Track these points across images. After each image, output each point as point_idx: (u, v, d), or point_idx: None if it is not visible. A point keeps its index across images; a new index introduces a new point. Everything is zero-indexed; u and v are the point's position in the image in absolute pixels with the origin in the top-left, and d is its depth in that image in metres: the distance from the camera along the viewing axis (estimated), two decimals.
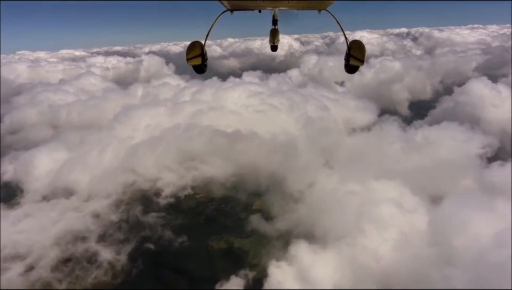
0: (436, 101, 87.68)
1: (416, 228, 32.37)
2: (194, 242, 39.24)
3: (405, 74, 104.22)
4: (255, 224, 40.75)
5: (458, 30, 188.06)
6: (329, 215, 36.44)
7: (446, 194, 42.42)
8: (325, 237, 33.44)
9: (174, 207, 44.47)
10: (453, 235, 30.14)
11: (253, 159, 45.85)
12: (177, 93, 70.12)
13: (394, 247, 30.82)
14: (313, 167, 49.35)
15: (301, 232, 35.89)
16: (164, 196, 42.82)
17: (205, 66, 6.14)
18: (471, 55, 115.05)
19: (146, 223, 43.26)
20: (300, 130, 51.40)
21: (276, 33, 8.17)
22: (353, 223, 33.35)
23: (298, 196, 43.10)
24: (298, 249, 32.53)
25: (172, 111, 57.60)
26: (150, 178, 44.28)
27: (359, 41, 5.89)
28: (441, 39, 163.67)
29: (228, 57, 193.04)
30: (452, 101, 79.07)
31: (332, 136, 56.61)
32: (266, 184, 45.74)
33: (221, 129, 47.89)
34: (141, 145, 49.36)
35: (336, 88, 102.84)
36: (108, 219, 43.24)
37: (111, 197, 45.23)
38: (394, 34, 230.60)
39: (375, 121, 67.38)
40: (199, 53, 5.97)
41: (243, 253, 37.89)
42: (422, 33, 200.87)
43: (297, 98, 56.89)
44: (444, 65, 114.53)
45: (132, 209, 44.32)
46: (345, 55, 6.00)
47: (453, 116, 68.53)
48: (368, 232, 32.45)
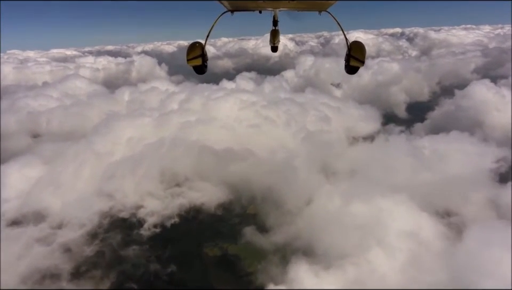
0: (434, 103, 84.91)
1: (426, 249, 29.87)
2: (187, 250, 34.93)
3: (403, 76, 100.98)
4: (250, 236, 36.02)
5: (455, 31, 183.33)
6: (330, 231, 33.38)
7: (457, 212, 38.11)
8: (326, 255, 30.36)
9: (158, 238, 37.97)
10: (476, 275, 26.14)
11: (246, 179, 39.63)
12: (165, 99, 63.14)
13: (402, 269, 28.28)
14: (313, 183, 44.09)
15: (300, 247, 32.88)
16: (147, 227, 36.33)
17: (205, 66, 6.02)
18: (470, 57, 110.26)
19: (127, 257, 36.92)
20: (298, 145, 45.19)
21: (277, 34, 7.97)
22: (357, 241, 30.68)
23: (297, 212, 38.39)
24: (299, 270, 29.18)
25: (157, 122, 50.83)
26: (131, 206, 37.73)
27: (359, 42, 5.75)
28: (438, 40, 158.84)
29: (221, 57, 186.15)
30: (453, 104, 75.07)
31: (333, 149, 50.84)
32: (262, 198, 40.25)
33: (210, 146, 41.46)
34: (121, 163, 42.70)
35: (335, 91, 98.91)
36: (81, 253, 36.83)
37: (85, 227, 38.60)
38: (388, 34, 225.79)
39: (378, 130, 61.94)
40: (199, 54, 5.84)
41: (238, 260, 34.50)
42: (417, 33, 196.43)
43: (295, 108, 50.57)
44: (443, 67, 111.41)
45: (109, 241, 37.87)
46: (345, 56, 5.83)
47: (455, 120, 65.22)
48: (373, 251, 29.88)
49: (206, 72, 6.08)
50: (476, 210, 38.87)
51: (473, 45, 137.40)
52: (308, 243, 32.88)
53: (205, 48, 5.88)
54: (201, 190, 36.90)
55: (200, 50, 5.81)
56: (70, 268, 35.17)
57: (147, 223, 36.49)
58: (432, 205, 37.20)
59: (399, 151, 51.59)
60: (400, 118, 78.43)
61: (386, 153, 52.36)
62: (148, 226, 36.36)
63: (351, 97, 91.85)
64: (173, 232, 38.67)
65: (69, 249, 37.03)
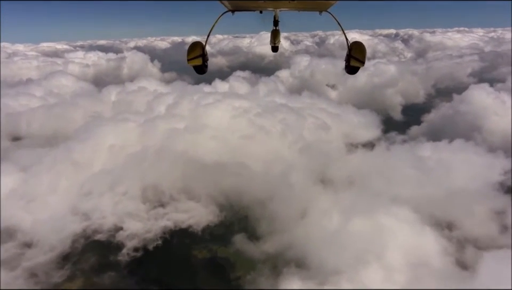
0: (430, 105, 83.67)
1: (428, 267, 27.78)
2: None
3: (399, 78, 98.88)
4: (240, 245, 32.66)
5: (450, 33, 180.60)
6: (326, 244, 31.12)
7: (462, 226, 36.01)
8: (321, 269, 27.98)
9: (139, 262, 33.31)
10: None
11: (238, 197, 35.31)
12: (152, 101, 58.08)
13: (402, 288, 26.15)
14: (309, 194, 40.53)
15: (293, 258, 30.43)
16: (125, 252, 31.68)
17: (206, 66, 5.92)
18: (467, 61, 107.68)
19: (102, 284, 32.35)
20: (295, 157, 40.99)
21: (277, 34, 7.84)
22: (354, 256, 28.42)
23: (292, 225, 34.99)
24: (291, 283, 26.96)
25: (142, 128, 45.90)
26: (109, 228, 33.02)
27: (360, 42, 5.70)
28: (433, 43, 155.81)
29: (215, 55, 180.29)
30: (451, 108, 72.46)
31: (331, 158, 46.95)
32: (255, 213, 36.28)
33: (199, 158, 36.88)
34: (100, 177, 37.87)
35: (330, 93, 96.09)
36: (50, 280, 32.17)
37: (56, 249, 33.78)
38: (383, 35, 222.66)
39: (378, 137, 58.21)
40: (200, 54, 5.74)
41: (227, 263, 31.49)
42: (412, 35, 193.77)
43: (291, 116, 46.16)
44: (439, 70, 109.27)
45: (82, 266, 33.13)
46: (346, 56, 5.81)
47: (453, 125, 63.30)
48: (371, 268, 27.67)
49: (206, 72, 5.97)
50: (481, 225, 36.29)
51: (469, 48, 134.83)
52: (302, 255, 30.49)
53: (205, 48, 5.80)
54: (188, 211, 32.39)
55: (201, 50, 5.72)
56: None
57: (126, 247, 31.84)
58: (435, 219, 34.75)
59: (400, 160, 48.82)
60: (396, 120, 76.42)
61: (387, 162, 49.42)
62: (127, 250, 31.74)
63: (347, 98, 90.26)
64: (155, 254, 34.17)
65: (35, 274, 32.36)
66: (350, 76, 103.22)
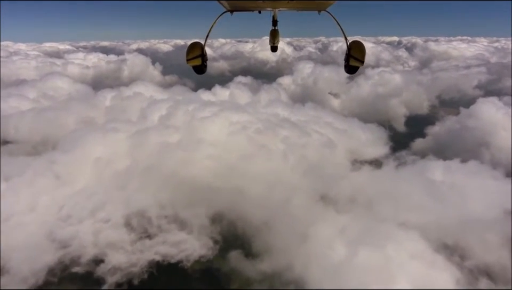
0: (434, 117, 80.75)
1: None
2: None
3: (404, 88, 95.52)
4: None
5: (455, 43, 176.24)
6: (328, 272, 28.58)
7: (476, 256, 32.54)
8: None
9: None
10: None
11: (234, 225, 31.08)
12: (146, 109, 53.81)
13: None
14: (311, 217, 36.64)
15: (292, 280, 28.10)
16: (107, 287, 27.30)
17: (205, 66, 5.91)
18: (474, 72, 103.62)
19: None
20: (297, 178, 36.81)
21: (276, 34, 7.66)
22: (358, 285, 25.94)
23: (292, 248, 31.60)
24: None
25: (132, 140, 41.60)
26: (88, 259, 28.70)
27: (359, 42, 5.56)
28: (438, 52, 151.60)
29: (217, 59, 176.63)
30: (457, 122, 68.50)
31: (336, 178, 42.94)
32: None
33: (192, 180, 32.62)
34: (81, 197, 33.55)
35: (333, 101, 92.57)
36: None
37: (28, 281, 29.40)
38: (386, 42, 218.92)
39: (386, 154, 54.09)
40: (199, 54, 5.72)
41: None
42: (415, 43, 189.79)
43: (293, 132, 41.87)
44: (445, 81, 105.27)
45: None
46: (345, 55, 5.67)
47: (460, 139, 60.93)
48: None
49: (205, 72, 5.95)
50: (495, 254, 32.62)
51: (475, 59, 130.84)
52: (301, 279, 28.16)
53: (205, 48, 5.77)
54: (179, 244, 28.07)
55: (200, 50, 5.72)
56: None
57: (107, 282, 27.54)
58: (447, 247, 31.92)
59: (409, 181, 45.03)
60: (399, 132, 72.70)
61: (395, 183, 45.61)
62: (108, 286, 27.41)
63: (350, 108, 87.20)
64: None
65: None
66: (353, 86, 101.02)
